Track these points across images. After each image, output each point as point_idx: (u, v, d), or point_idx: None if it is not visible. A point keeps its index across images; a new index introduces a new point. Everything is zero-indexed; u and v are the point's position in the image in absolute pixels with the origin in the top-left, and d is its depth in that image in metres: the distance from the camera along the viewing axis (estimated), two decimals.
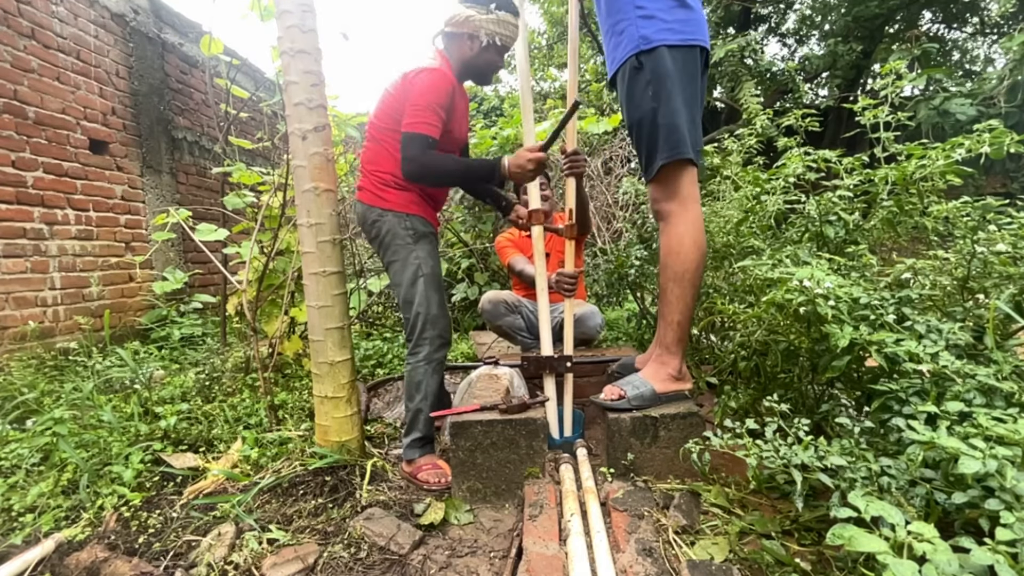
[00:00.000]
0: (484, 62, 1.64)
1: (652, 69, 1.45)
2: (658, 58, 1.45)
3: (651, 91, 1.46)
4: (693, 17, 1.48)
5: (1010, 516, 0.77)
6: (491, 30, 1.58)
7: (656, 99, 1.45)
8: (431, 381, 1.66)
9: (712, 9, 7.08)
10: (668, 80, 1.44)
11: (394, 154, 1.60)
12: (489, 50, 1.62)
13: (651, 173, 1.52)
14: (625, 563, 1.10)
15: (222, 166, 2.66)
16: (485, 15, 1.57)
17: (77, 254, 3.25)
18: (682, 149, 1.45)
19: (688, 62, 1.47)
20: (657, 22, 1.45)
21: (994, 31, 7.54)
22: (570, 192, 1.74)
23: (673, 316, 1.50)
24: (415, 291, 1.62)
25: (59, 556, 1.27)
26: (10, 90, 2.86)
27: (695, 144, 1.48)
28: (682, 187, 1.49)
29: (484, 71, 1.68)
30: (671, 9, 1.46)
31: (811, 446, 1.03)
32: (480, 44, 1.60)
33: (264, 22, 2.17)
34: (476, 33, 1.59)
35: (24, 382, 2.30)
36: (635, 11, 1.48)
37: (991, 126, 1.44)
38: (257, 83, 4.59)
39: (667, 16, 1.45)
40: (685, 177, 1.48)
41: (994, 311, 1.14)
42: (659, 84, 1.44)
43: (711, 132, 7.09)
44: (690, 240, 1.48)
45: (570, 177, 1.74)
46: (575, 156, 1.73)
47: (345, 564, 1.21)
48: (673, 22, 1.45)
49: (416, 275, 1.62)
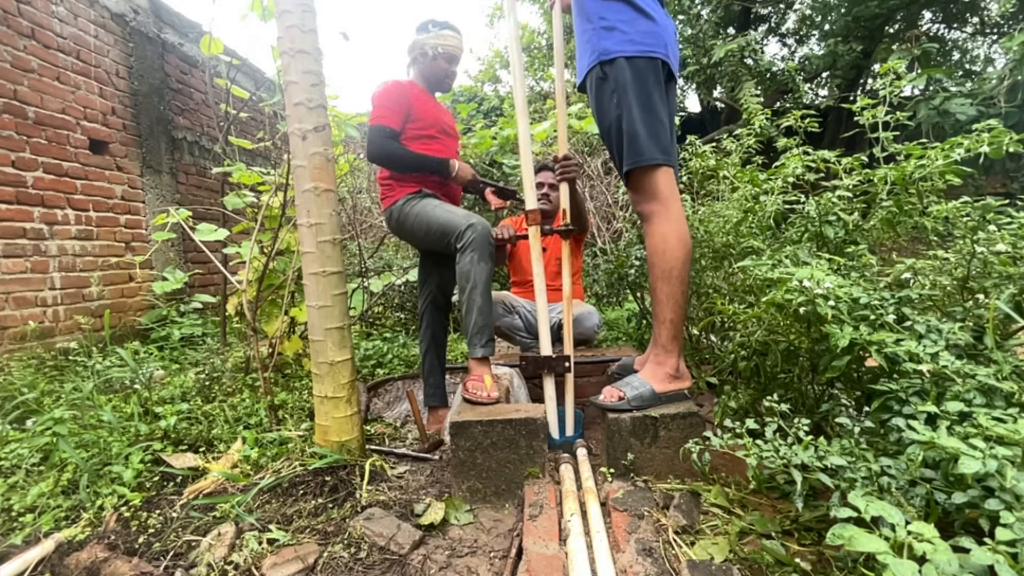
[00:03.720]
0: (437, 70, 2.03)
1: (614, 78, 1.50)
2: (618, 68, 1.49)
3: (615, 99, 1.51)
4: (654, 29, 1.50)
5: (1010, 516, 0.77)
6: (433, 43, 1.99)
7: (620, 107, 1.50)
8: (479, 269, 1.77)
9: (712, 9, 7.08)
10: (628, 89, 1.48)
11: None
12: (437, 59, 2.01)
13: (624, 178, 1.57)
14: (625, 563, 1.10)
15: (222, 166, 2.66)
16: (426, 35, 2.00)
17: (77, 254, 3.25)
18: (644, 156, 1.48)
19: (646, 72, 1.49)
20: (617, 34, 1.49)
21: (994, 31, 7.54)
22: (564, 195, 1.77)
23: (666, 314, 1.51)
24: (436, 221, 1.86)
25: (59, 556, 1.27)
26: (10, 90, 2.86)
27: (662, 147, 1.50)
28: (659, 187, 1.50)
29: (440, 77, 2.06)
30: (632, 21, 1.49)
31: (811, 446, 1.03)
32: (429, 57, 2.00)
33: (264, 22, 2.18)
34: (424, 50, 2.00)
35: (24, 382, 2.30)
36: (599, 21, 1.52)
37: (990, 126, 1.44)
38: (257, 83, 4.59)
39: (628, 28, 1.49)
40: (659, 178, 1.50)
41: (994, 311, 1.14)
42: (621, 92, 1.49)
43: (711, 132, 7.09)
44: (674, 237, 1.49)
45: (563, 182, 1.78)
46: (567, 162, 1.77)
47: (345, 564, 1.21)
48: (634, 34, 1.49)
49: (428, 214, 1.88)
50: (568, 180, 1.78)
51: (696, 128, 8.15)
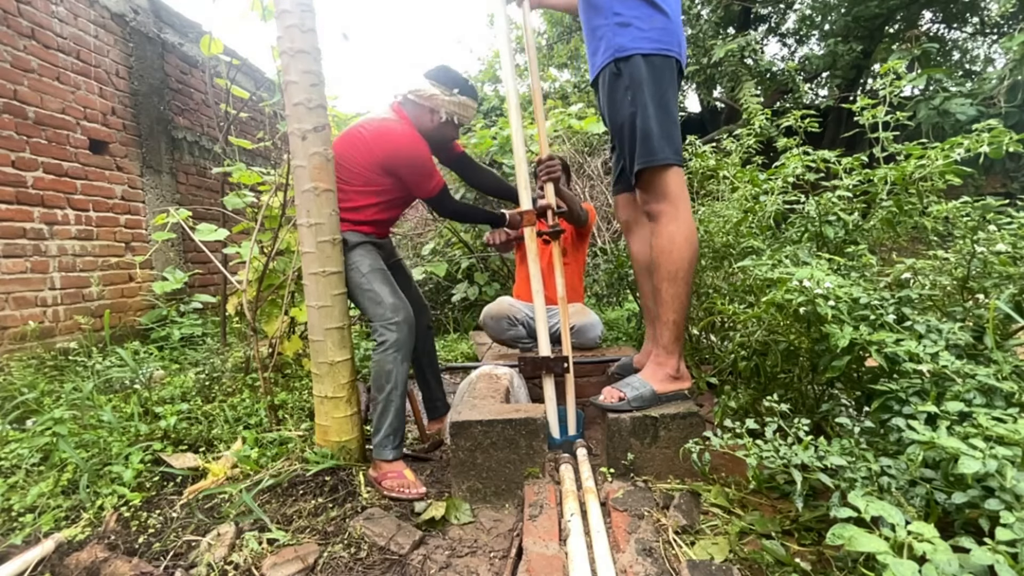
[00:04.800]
0: (440, 135, 1.83)
1: (629, 75, 1.48)
2: (634, 65, 1.47)
3: (630, 96, 1.49)
4: (669, 26, 1.49)
5: (1010, 516, 0.77)
6: (451, 110, 1.79)
7: (634, 104, 1.48)
8: (400, 370, 1.65)
9: (712, 9, 7.07)
10: (643, 86, 1.46)
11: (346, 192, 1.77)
12: (447, 126, 1.82)
13: (634, 177, 1.54)
14: (625, 563, 1.10)
15: (222, 166, 2.66)
16: (448, 96, 1.77)
17: (77, 254, 3.25)
18: (658, 156, 1.47)
19: (662, 70, 1.48)
20: (633, 30, 1.47)
21: (994, 31, 7.54)
22: (549, 196, 1.78)
23: (669, 315, 1.50)
24: (361, 289, 1.72)
25: (59, 556, 1.27)
26: (10, 90, 2.86)
27: (675, 147, 1.49)
28: (669, 187, 1.49)
29: (439, 143, 1.87)
30: (648, 17, 1.47)
31: (811, 446, 1.03)
32: (440, 119, 1.79)
33: (264, 22, 2.17)
34: (437, 109, 1.78)
35: (24, 382, 2.30)
36: (613, 17, 1.50)
37: (990, 126, 1.44)
38: (257, 83, 4.59)
39: (643, 24, 1.47)
40: (670, 177, 1.49)
41: (994, 311, 1.14)
42: (636, 90, 1.47)
43: (711, 132, 7.09)
44: (682, 238, 1.48)
45: (547, 183, 1.78)
46: (549, 163, 1.77)
47: (345, 564, 1.21)
48: (650, 30, 1.47)
49: (358, 276, 1.73)
50: (552, 181, 1.78)
51: (696, 128, 8.15)
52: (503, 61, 1.75)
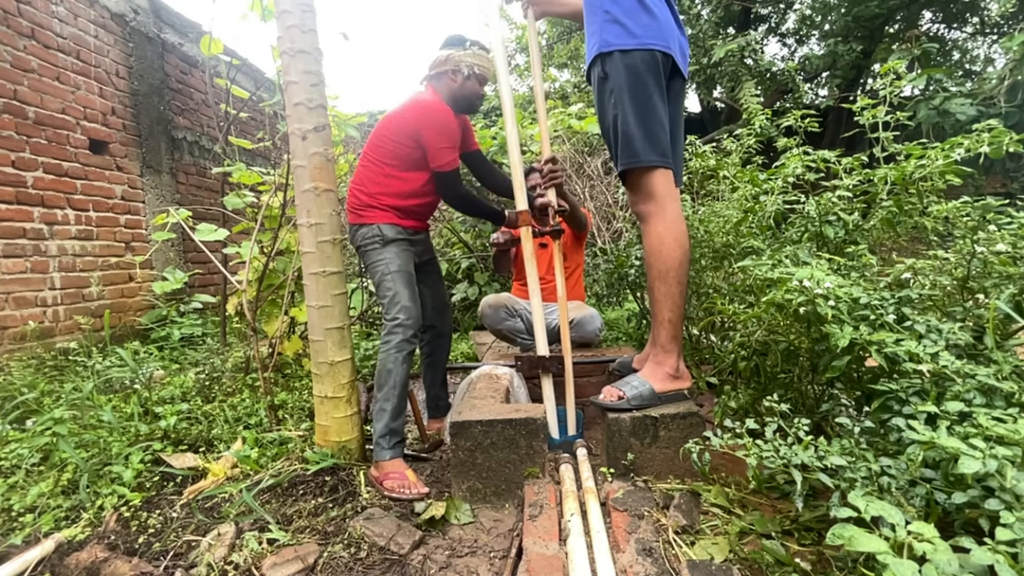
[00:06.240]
0: (469, 91, 1.88)
1: (612, 76, 1.49)
2: (613, 63, 1.48)
3: (613, 99, 1.50)
4: (654, 23, 1.49)
5: (1010, 516, 0.77)
6: (470, 62, 1.84)
7: (616, 107, 1.50)
8: (401, 371, 1.70)
9: (712, 9, 7.07)
10: (625, 89, 1.47)
11: (378, 178, 1.82)
12: (471, 79, 1.86)
13: (620, 178, 1.56)
14: (625, 563, 1.10)
15: (222, 166, 2.66)
16: (463, 52, 1.84)
17: (77, 254, 3.26)
18: (639, 158, 1.47)
19: (643, 69, 1.47)
20: (618, 27, 1.48)
21: (994, 31, 7.54)
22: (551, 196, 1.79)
23: (664, 314, 1.51)
24: (384, 286, 1.77)
25: (59, 556, 1.27)
26: (10, 90, 2.86)
27: (659, 149, 1.48)
28: (655, 188, 1.50)
29: (471, 99, 1.90)
30: (634, 14, 1.48)
31: (811, 446, 1.03)
32: (463, 75, 1.85)
33: (264, 22, 2.17)
34: (458, 67, 1.84)
35: (24, 382, 2.30)
36: (603, 15, 1.51)
37: (990, 126, 1.44)
38: (257, 83, 4.59)
39: (628, 21, 1.47)
40: (656, 178, 1.50)
41: (994, 311, 1.14)
42: (619, 92, 1.48)
43: (711, 132, 7.09)
44: (670, 238, 1.48)
45: (550, 188, 1.79)
46: (554, 167, 1.78)
47: (345, 564, 1.21)
48: (633, 27, 1.47)
49: (384, 272, 1.77)
50: (556, 186, 1.80)
51: (696, 128, 8.15)
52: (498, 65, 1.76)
